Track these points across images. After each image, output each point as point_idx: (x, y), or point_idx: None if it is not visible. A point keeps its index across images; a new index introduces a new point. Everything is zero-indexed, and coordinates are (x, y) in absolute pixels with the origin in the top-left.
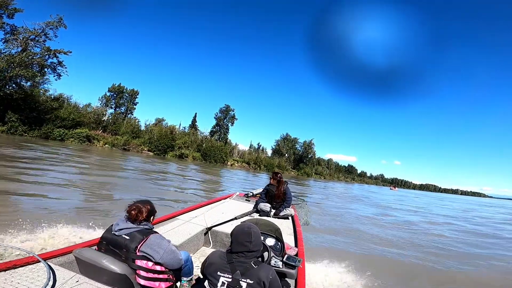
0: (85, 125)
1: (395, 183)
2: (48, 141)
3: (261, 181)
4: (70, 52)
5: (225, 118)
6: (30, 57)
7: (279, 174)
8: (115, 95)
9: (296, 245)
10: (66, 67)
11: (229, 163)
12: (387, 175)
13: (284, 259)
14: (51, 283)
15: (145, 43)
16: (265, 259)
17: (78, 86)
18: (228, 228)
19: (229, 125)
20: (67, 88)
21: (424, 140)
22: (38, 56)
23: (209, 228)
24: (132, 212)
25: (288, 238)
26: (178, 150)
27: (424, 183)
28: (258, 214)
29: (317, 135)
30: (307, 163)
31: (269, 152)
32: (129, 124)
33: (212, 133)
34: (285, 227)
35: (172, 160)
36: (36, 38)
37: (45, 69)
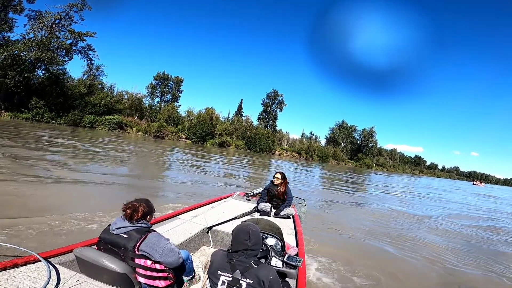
0: (120, 112)
1: (474, 176)
2: (76, 129)
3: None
4: (95, 33)
5: (272, 104)
6: (54, 41)
7: (282, 173)
8: (160, 83)
9: (296, 245)
10: (95, 51)
11: (277, 152)
12: (463, 168)
13: (285, 259)
14: (51, 282)
15: (189, 33)
16: (267, 258)
17: (134, 77)
18: (229, 228)
19: (278, 111)
20: (125, 81)
21: (508, 127)
22: (62, 39)
23: (210, 228)
24: (127, 210)
25: (289, 238)
26: (218, 137)
27: (509, 178)
28: (259, 214)
29: (376, 124)
30: (367, 153)
31: (323, 142)
32: (166, 109)
33: (259, 120)
34: (285, 226)
35: (211, 149)
36: (61, 22)
37: (76, 54)
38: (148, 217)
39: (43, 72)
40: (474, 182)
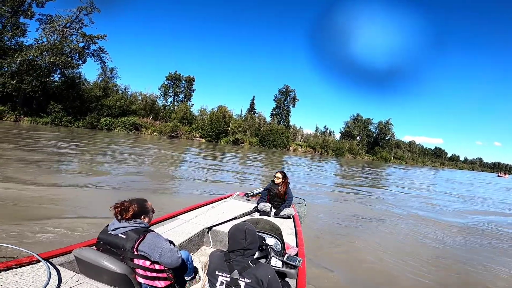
0: (135, 113)
1: (499, 168)
2: (94, 131)
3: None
4: (106, 35)
5: (285, 100)
6: (66, 44)
7: (282, 172)
8: (172, 83)
9: (296, 245)
10: (108, 53)
11: (291, 148)
12: (486, 159)
13: (285, 259)
14: (51, 282)
15: (199, 31)
16: (267, 258)
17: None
18: (229, 228)
19: (290, 106)
20: (138, 82)
21: None
22: (74, 43)
23: (210, 228)
24: (116, 209)
25: (289, 238)
26: (232, 135)
27: None
28: (259, 214)
29: (392, 116)
30: (384, 146)
31: (338, 136)
32: (179, 109)
33: (272, 116)
34: (285, 226)
35: (225, 147)
36: (72, 26)
37: (89, 57)
38: (143, 216)
39: (59, 76)
40: (499, 174)
